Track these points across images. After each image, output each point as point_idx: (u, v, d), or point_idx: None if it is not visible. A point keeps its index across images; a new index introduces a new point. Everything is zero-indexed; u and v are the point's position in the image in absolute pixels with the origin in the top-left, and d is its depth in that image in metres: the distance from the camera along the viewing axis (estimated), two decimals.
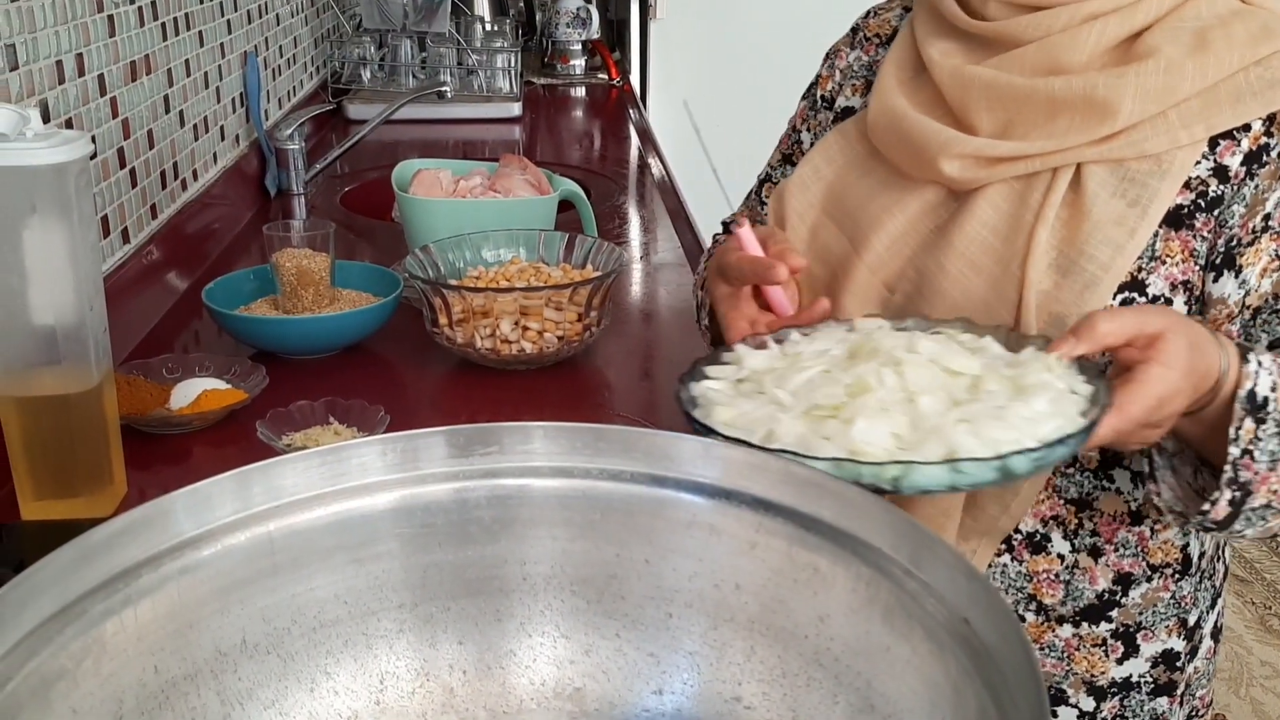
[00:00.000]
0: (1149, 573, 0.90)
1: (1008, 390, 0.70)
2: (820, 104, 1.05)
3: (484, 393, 1.20)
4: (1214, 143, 0.81)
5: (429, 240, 1.31)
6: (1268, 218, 0.80)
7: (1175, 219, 0.82)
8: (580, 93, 2.89)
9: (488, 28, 2.67)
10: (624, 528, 0.62)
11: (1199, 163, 0.81)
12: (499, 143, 2.34)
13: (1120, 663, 0.92)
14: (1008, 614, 0.47)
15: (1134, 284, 0.82)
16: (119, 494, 0.95)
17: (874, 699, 0.53)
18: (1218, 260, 0.81)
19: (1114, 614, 0.90)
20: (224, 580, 0.56)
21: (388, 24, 2.50)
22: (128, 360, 1.18)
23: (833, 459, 0.64)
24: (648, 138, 2.40)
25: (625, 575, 0.62)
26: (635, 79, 3.20)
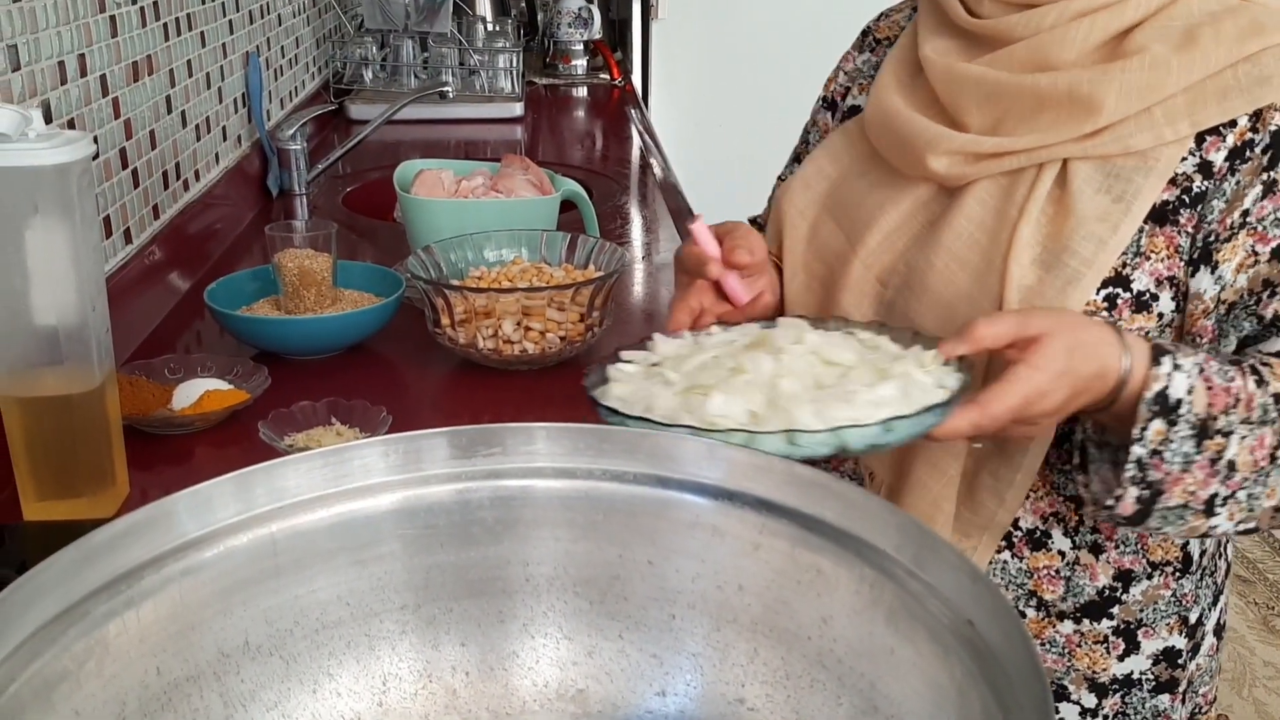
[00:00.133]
0: (1149, 570, 0.90)
1: (871, 379, 0.74)
2: (822, 105, 1.07)
3: (486, 393, 1.20)
4: (1200, 139, 0.81)
5: (431, 240, 1.31)
6: (1246, 213, 0.80)
7: (1160, 215, 0.82)
8: (582, 93, 2.89)
9: (489, 28, 2.67)
10: (627, 529, 0.62)
11: (1185, 159, 0.82)
12: (501, 143, 2.34)
13: (1121, 659, 0.92)
14: (1012, 616, 0.47)
15: (1118, 279, 0.82)
16: (121, 495, 0.95)
17: (878, 701, 0.53)
18: (1195, 255, 0.82)
19: (1115, 610, 0.91)
20: (226, 581, 0.56)
21: (389, 24, 2.50)
22: (130, 361, 1.18)
23: (687, 426, 0.69)
24: (650, 138, 2.40)
25: (628, 576, 0.62)
26: (637, 79, 3.20)
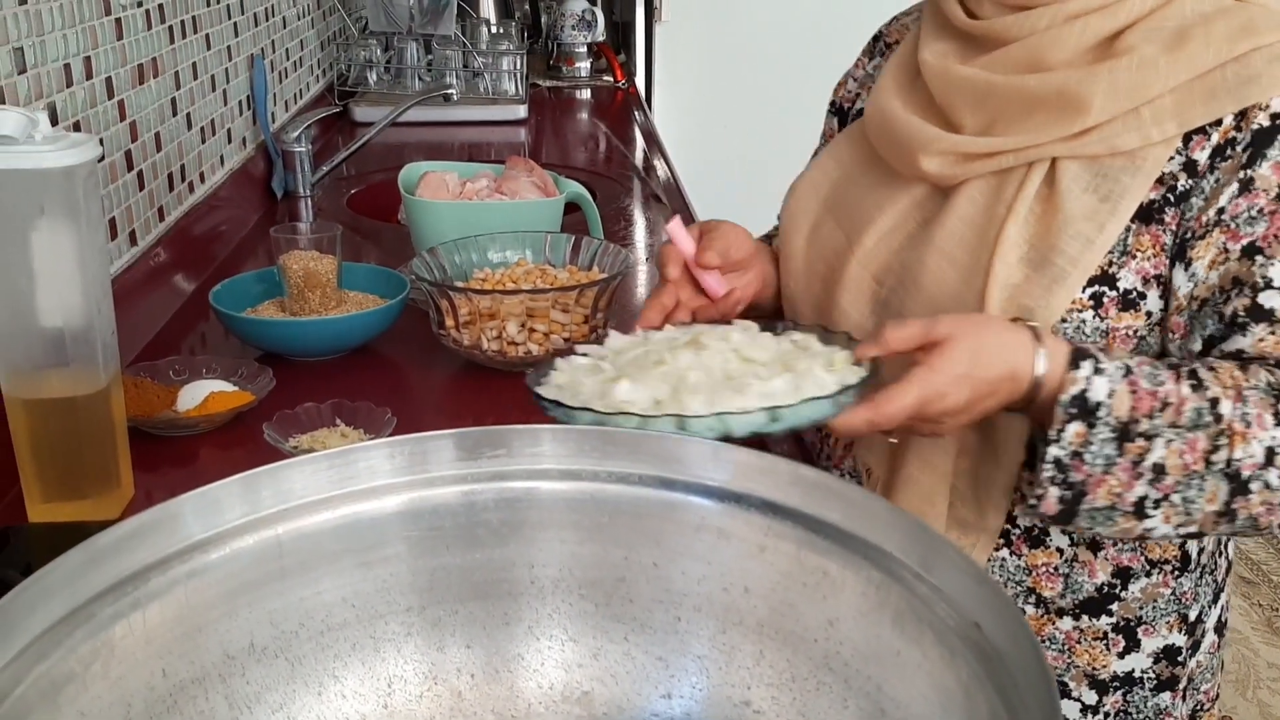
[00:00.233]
0: (1148, 567, 0.90)
1: (773, 374, 0.78)
2: (830, 111, 1.10)
3: (491, 395, 1.20)
4: (1187, 138, 0.82)
5: (435, 242, 1.31)
6: (1221, 210, 0.80)
7: (1146, 213, 0.83)
8: (586, 95, 2.89)
9: (493, 30, 2.67)
10: (632, 531, 0.62)
11: (1172, 158, 0.82)
12: (505, 145, 2.34)
13: (1122, 656, 0.92)
14: (1019, 619, 0.47)
15: (1104, 278, 0.83)
16: (126, 496, 0.95)
17: (884, 703, 0.53)
18: (1173, 253, 0.83)
19: (1114, 607, 0.91)
20: (232, 583, 0.56)
21: (394, 27, 2.50)
22: (135, 362, 1.18)
23: (593, 411, 0.73)
24: (653, 140, 2.40)
25: (634, 578, 0.62)
26: (640, 81, 3.20)
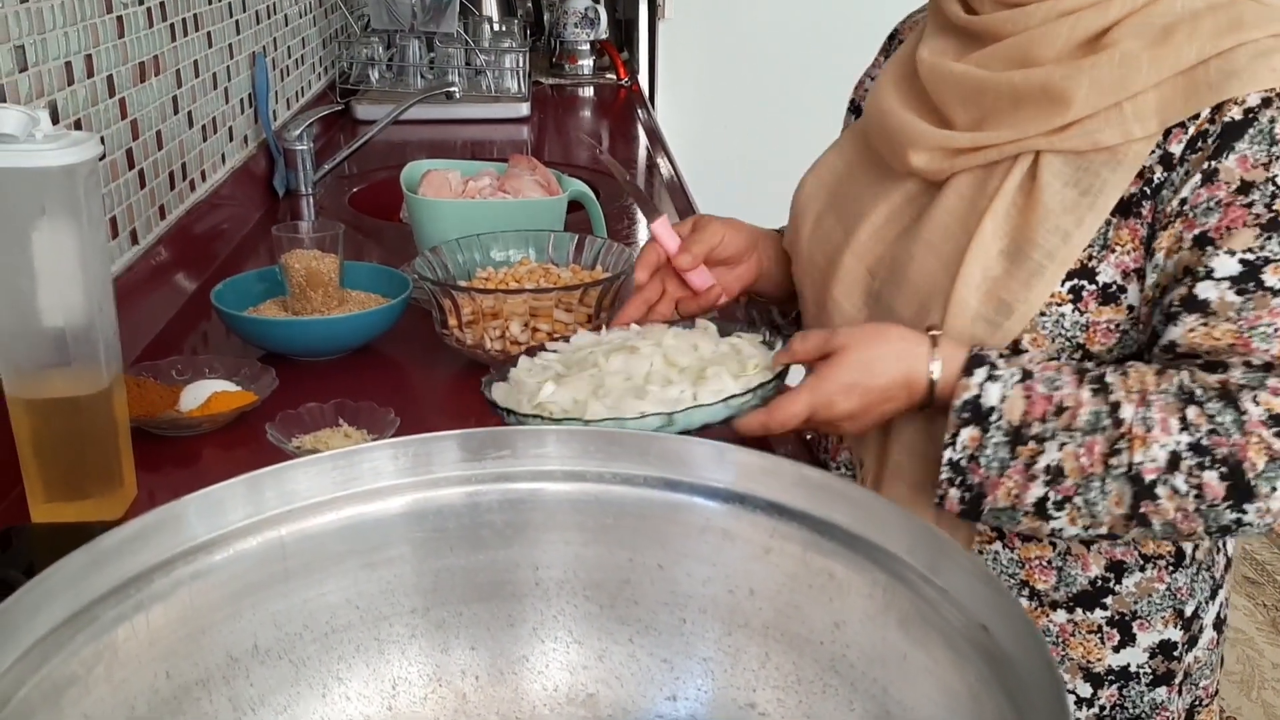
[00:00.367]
0: (1142, 562, 0.90)
1: (681, 379, 0.87)
2: (849, 109, 1.13)
3: None
4: (1166, 132, 0.82)
5: (438, 241, 1.30)
6: (1184, 201, 0.81)
7: (1125, 207, 0.83)
8: (589, 93, 2.88)
9: (496, 28, 2.66)
10: (637, 532, 0.61)
11: (1153, 152, 0.83)
12: (507, 143, 2.34)
13: (1117, 650, 0.92)
14: (1027, 622, 0.46)
15: (1084, 272, 0.84)
16: (129, 496, 0.94)
17: (891, 707, 0.53)
18: (1147, 245, 0.83)
19: (1108, 601, 0.91)
20: (236, 585, 0.56)
21: (396, 24, 2.50)
22: (137, 362, 1.18)
23: (514, 413, 0.84)
24: (656, 138, 2.40)
25: (638, 580, 0.61)
26: (644, 79, 3.20)
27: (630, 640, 0.61)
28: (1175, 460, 0.76)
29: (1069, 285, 0.83)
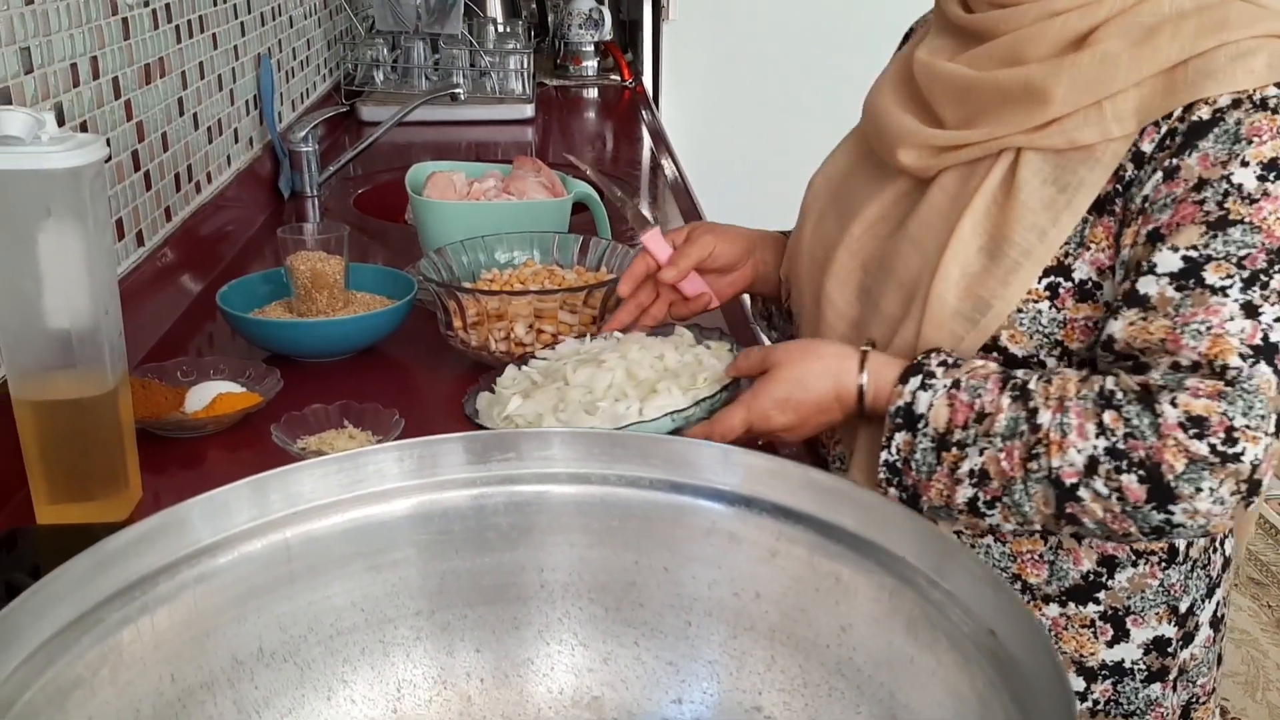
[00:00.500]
0: (1134, 557, 0.91)
1: (636, 393, 0.93)
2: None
3: None
4: (1141, 130, 0.82)
5: (443, 243, 1.30)
6: (1146, 198, 0.81)
7: (1100, 205, 0.84)
8: (593, 94, 2.88)
9: (500, 29, 2.66)
10: (643, 535, 0.61)
11: (1128, 150, 0.83)
12: (512, 144, 2.34)
13: (1111, 645, 0.92)
14: (1035, 626, 0.46)
15: (1060, 269, 0.84)
16: (134, 498, 0.94)
17: (897, 710, 0.53)
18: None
19: (1101, 596, 0.91)
20: (241, 588, 0.56)
21: (400, 26, 2.50)
22: (142, 363, 1.18)
23: (483, 427, 0.91)
24: (660, 139, 2.40)
25: (644, 583, 0.61)
26: (648, 80, 3.20)
27: (635, 643, 0.61)
28: (1093, 464, 0.77)
29: (1046, 282, 0.84)
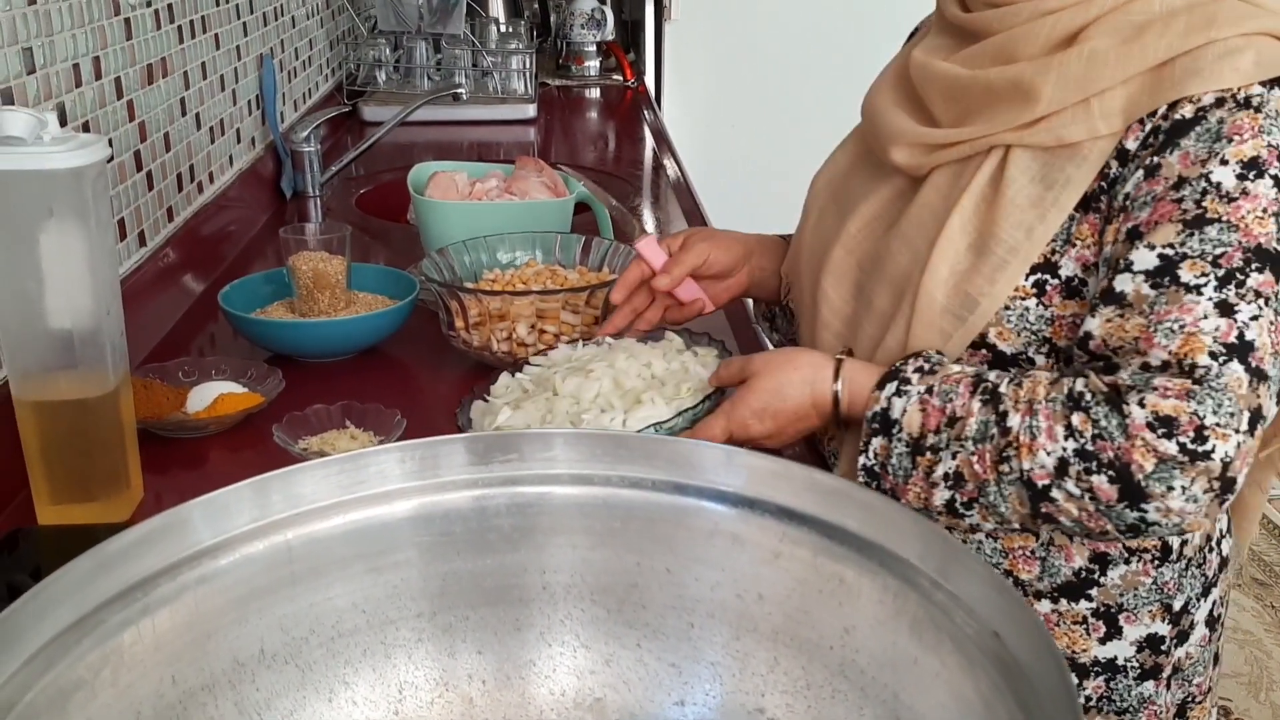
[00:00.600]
0: (1126, 555, 0.90)
1: (620, 404, 0.95)
2: None
3: None
4: (1127, 127, 0.82)
5: (445, 243, 1.30)
6: (1128, 196, 0.81)
7: (1086, 202, 0.84)
8: (595, 94, 2.88)
9: (502, 29, 2.66)
10: (645, 536, 0.61)
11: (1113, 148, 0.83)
12: (514, 144, 2.33)
13: (1103, 642, 0.92)
14: (1040, 628, 0.46)
15: (1047, 266, 0.84)
16: (135, 498, 0.94)
17: (901, 712, 0.52)
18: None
19: (1093, 593, 0.91)
20: (242, 589, 0.56)
21: (403, 26, 2.50)
22: (144, 363, 1.18)
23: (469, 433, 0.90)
24: (663, 139, 2.40)
25: (646, 584, 0.61)
26: (650, 80, 3.19)
27: (638, 645, 0.61)
28: (1064, 466, 0.77)
29: (1033, 280, 0.84)
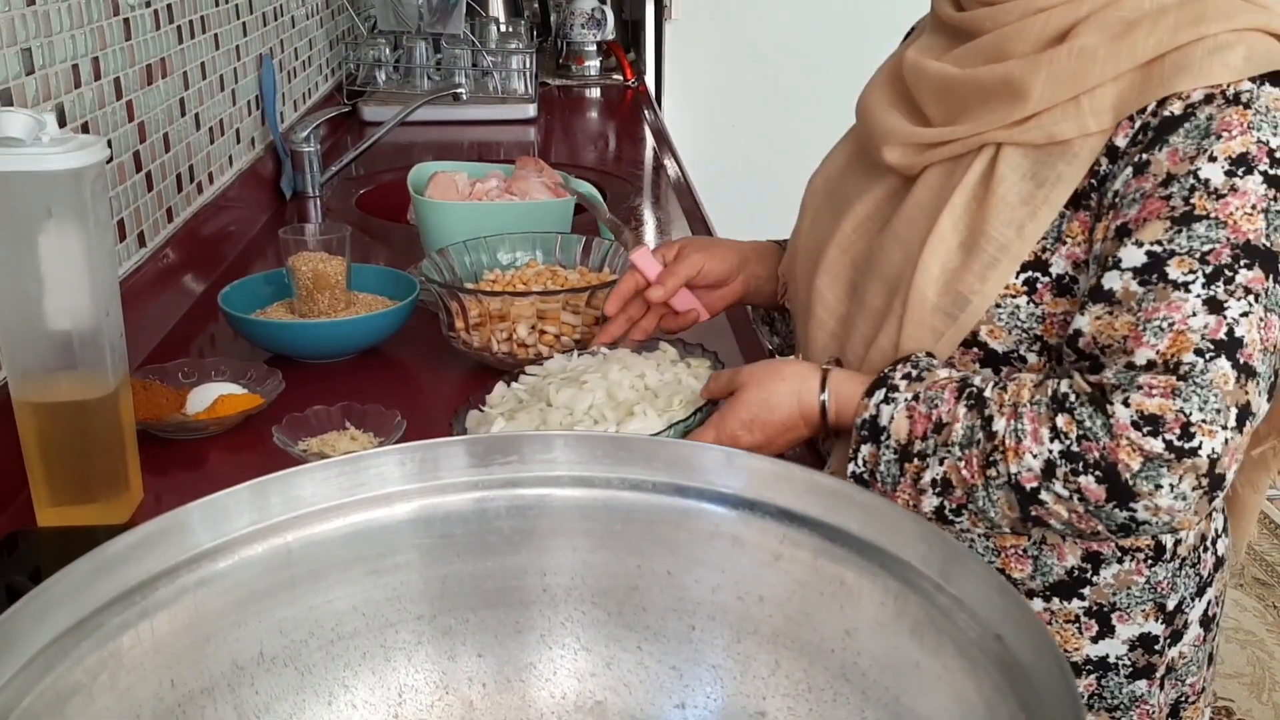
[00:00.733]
0: (1119, 554, 0.90)
1: (614, 415, 0.95)
2: None
3: None
4: (1117, 124, 0.82)
5: (445, 243, 1.30)
6: (1116, 193, 0.81)
7: (1076, 200, 0.84)
8: (595, 94, 2.88)
9: (502, 29, 2.66)
10: (646, 538, 0.61)
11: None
12: (514, 144, 2.33)
13: (1095, 641, 0.92)
14: (1042, 630, 0.46)
15: (1038, 264, 0.84)
16: (135, 500, 0.94)
17: (903, 715, 0.52)
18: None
19: (1086, 592, 0.91)
20: (241, 592, 0.55)
21: (403, 26, 2.50)
22: (144, 365, 1.18)
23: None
24: (663, 138, 2.39)
25: (647, 587, 0.61)
26: (650, 80, 3.19)
27: (638, 647, 0.61)
28: (1050, 468, 0.77)
29: (1024, 278, 0.84)
